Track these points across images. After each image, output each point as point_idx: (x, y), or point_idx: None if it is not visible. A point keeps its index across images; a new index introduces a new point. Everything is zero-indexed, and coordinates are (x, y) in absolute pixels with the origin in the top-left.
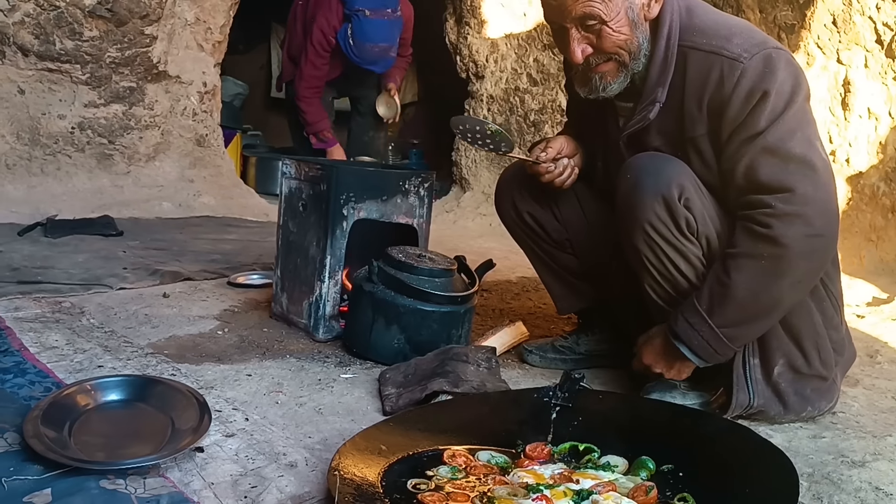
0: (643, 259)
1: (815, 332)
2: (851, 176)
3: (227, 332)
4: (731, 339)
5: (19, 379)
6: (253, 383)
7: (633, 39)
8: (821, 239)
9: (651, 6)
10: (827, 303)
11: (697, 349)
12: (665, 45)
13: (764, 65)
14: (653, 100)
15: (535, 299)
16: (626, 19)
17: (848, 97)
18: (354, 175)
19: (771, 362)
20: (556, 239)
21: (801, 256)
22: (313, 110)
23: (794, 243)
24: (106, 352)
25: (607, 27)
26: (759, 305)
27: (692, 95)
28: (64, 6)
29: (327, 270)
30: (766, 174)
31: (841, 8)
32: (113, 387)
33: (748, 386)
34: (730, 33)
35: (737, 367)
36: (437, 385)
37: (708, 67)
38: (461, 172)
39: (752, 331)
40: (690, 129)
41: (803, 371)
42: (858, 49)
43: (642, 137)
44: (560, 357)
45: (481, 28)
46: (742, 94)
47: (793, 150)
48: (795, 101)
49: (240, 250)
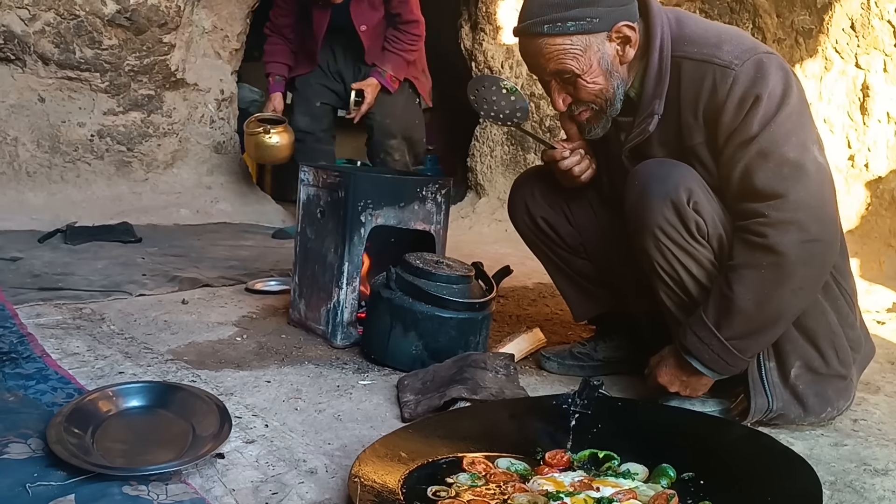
0: (654, 264)
1: (830, 332)
2: (870, 181)
3: (246, 339)
4: (741, 351)
5: (42, 385)
6: (272, 390)
7: (609, 87)
8: (818, 244)
9: (625, 51)
10: (841, 301)
11: (710, 363)
12: (658, 57)
13: (755, 70)
14: (650, 112)
15: (551, 305)
16: (600, 70)
17: (867, 101)
18: (372, 182)
19: (787, 365)
20: (570, 244)
21: (799, 263)
22: (268, 48)
23: (790, 250)
24: (126, 358)
25: (581, 80)
26: (765, 315)
27: (688, 105)
28: (84, 15)
29: (345, 277)
30: (760, 179)
31: (859, 12)
32: (134, 393)
33: (766, 390)
34: (719, 40)
35: (752, 372)
36: (456, 392)
37: (701, 76)
38: (476, 178)
39: (762, 340)
40: (689, 138)
41: (822, 371)
42: (877, 53)
43: (644, 150)
44: (578, 364)
45: (496, 34)
46: (735, 99)
47: (786, 155)
48: (787, 103)
49: (257, 256)
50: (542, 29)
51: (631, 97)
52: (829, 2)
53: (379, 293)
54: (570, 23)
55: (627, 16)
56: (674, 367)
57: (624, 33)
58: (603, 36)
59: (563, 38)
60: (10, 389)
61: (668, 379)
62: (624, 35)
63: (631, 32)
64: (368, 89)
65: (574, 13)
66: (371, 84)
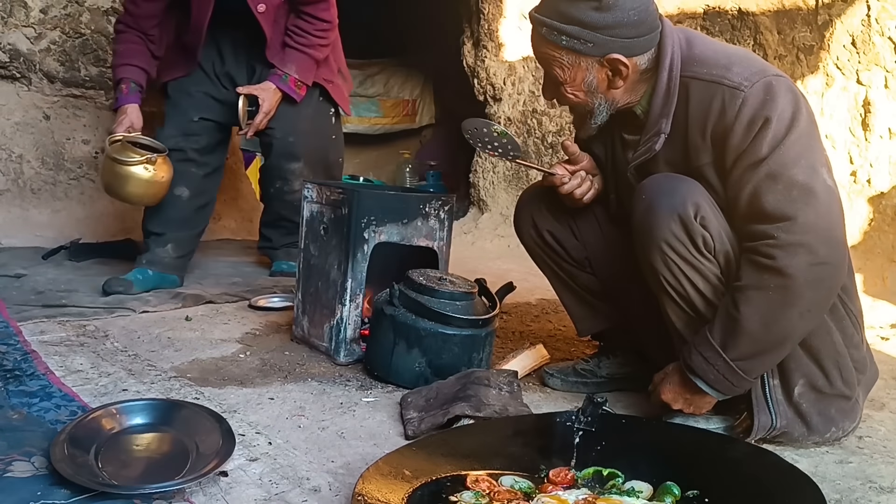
0: (661, 279)
1: (835, 352)
2: (873, 196)
3: (249, 356)
4: (746, 372)
5: (45, 403)
6: (275, 407)
7: (588, 102)
8: (826, 267)
9: (614, 80)
10: (847, 321)
11: (714, 383)
12: (667, 77)
13: (765, 92)
14: (657, 131)
15: (555, 321)
16: (582, 87)
17: (868, 117)
18: (375, 199)
19: (791, 383)
20: (576, 258)
21: (807, 286)
22: (121, 48)
23: (798, 273)
24: (130, 375)
25: (563, 88)
26: (771, 336)
27: (695, 125)
28: (89, 34)
29: (348, 294)
30: (769, 202)
31: (860, 29)
32: (138, 410)
33: (769, 407)
34: (729, 62)
35: (756, 389)
36: (459, 409)
37: (710, 97)
38: (479, 194)
39: (768, 361)
40: (695, 158)
41: (825, 391)
42: (878, 69)
43: (650, 168)
44: (582, 380)
45: (499, 51)
46: (744, 121)
47: (796, 177)
48: (797, 126)
49: (260, 272)
50: (542, 30)
51: (638, 114)
52: (830, 18)
53: (382, 310)
54: (564, 38)
55: (627, 49)
56: (678, 384)
57: (616, 66)
58: (594, 60)
59: (554, 47)
60: (14, 407)
61: (671, 396)
62: (616, 67)
63: (623, 67)
64: (265, 95)
65: (571, 30)
66: (268, 90)
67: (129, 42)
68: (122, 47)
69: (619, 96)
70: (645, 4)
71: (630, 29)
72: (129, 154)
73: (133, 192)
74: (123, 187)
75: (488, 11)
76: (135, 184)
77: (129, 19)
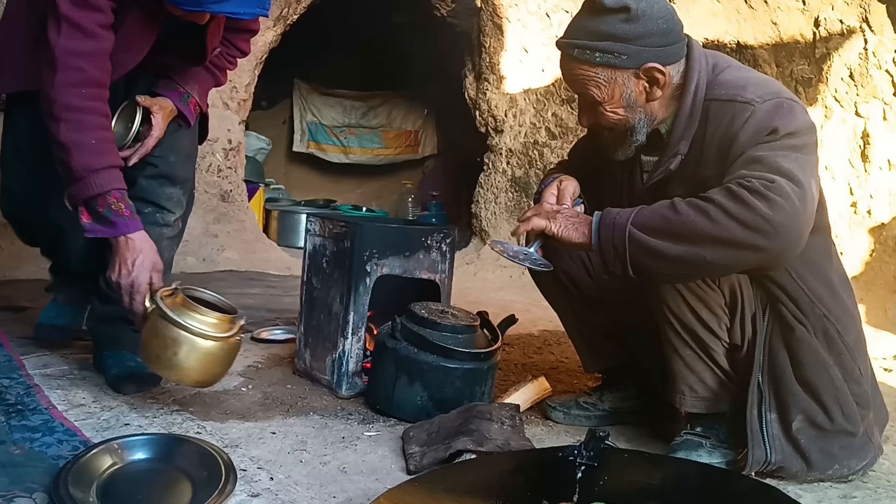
0: (665, 308)
1: (833, 387)
2: (874, 227)
3: (251, 389)
4: (631, 241)
5: (48, 438)
6: (277, 441)
7: (629, 119)
8: (768, 238)
9: (653, 90)
10: (846, 355)
11: (602, 227)
12: (691, 101)
13: (775, 109)
14: (675, 152)
15: (557, 353)
16: (621, 102)
17: (867, 149)
18: (378, 232)
19: (789, 417)
20: (589, 296)
21: (742, 228)
22: (84, 139)
23: (746, 210)
24: (132, 409)
25: (602, 107)
26: (676, 228)
27: (710, 141)
28: None
29: (350, 327)
30: (754, 173)
31: (857, 62)
32: (140, 446)
33: (764, 441)
34: (747, 83)
35: (752, 422)
36: (461, 444)
37: (723, 114)
38: (481, 224)
39: (650, 249)
40: (703, 171)
41: (826, 427)
42: (876, 102)
43: (665, 186)
44: (584, 414)
45: (500, 84)
46: (750, 130)
47: (781, 164)
48: (800, 138)
49: (262, 304)
50: (573, 52)
51: (661, 134)
52: (828, 52)
53: (384, 343)
54: (598, 54)
55: (661, 57)
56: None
57: (653, 74)
58: (630, 73)
59: (589, 66)
60: (16, 442)
61: (549, 210)
62: (652, 76)
63: (660, 75)
64: (161, 115)
65: (604, 45)
66: (166, 108)
67: (97, 124)
68: (93, 136)
69: (657, 110)
70: (671, 13)
71: (661, 37)
72: (198, 316)
73: (210, 369)
74: (194, 362)
75: (489, 45)
76: (210, 358)
77: (87, 81)
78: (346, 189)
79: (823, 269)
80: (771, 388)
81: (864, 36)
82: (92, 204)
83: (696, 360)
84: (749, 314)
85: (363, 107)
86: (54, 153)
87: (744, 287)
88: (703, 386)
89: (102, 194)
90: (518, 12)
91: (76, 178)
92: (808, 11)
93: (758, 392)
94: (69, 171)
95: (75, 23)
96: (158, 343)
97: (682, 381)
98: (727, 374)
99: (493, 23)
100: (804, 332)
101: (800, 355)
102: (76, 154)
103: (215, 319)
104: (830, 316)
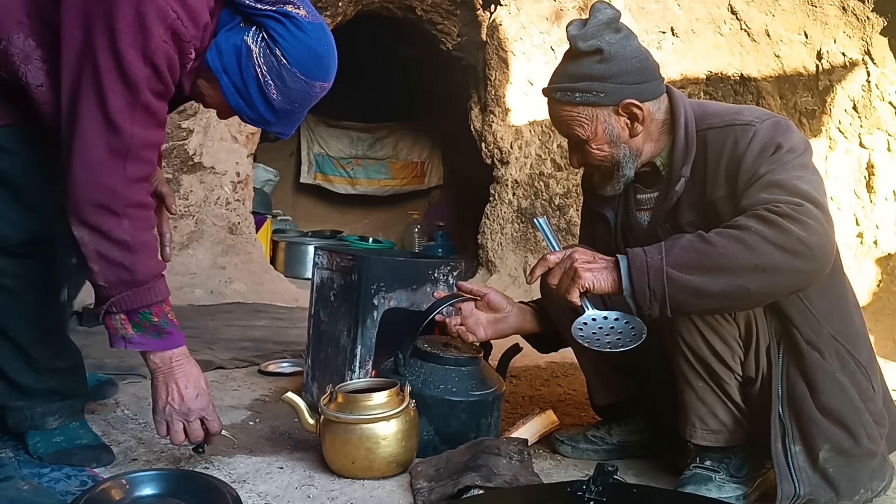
0: (679, 339)
1: (854, 409)
2: (880, 258)
3: (259, 423)
4: (669, 281)
5: (56, 473)
6: (285, 476)
7: (615, 154)
8: (807, 254)
9: (633, 126)
10: (859, 375)
11: (634, 270)
12: (684, 133)
13: (774, 127)
14: (679, 176)
15: (564, 385)
16: (605, 139)
17: (872, 180)
18: (385, 265)
19: (815, 448)
20: None
21: (781, 249)
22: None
23: (783, 235)
24: (140, 444)
25: (588, 146)
26: (714, 262)
27: (713, 164)
28: None
29: (357, 360)
30: (777, 196)
31: (860, 94)
32: (147, 481)
33: (792, 475)
34: (739, 110)
35: (777, 457)
36: (470, 479)
37: (724, 138)
38: (487, 255)
39: (691, 287)
40: (710, 193)
41: (853, 452)
42: (881, 133)
43: (676, 214)
44: (592, 447)
45: (505, 116)
46: (756, 149)
47: (800, 187)
48: (805, 157)
49: (269, 336)
50: (556, 95)
51: (658, 166)
52: (830, 84)
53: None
54: (578, 94)
55: (638, 94)
56: (592, 255)
57: (631, 110)
58: (609, 109)
59: (571, 106)
60: (25, 478)
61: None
62: (631, 112)
63: (638, 111)
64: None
65: (581, 86)
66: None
67: (154, 224)
68: (152, 237)
69: (641, 144)
70: (643, 53)
71: (635, 75)
72: (370, 402)
73: (395, 457)
74: (380, 454)
75: (495, 78)
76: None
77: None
78: (352, 220)
79: (831, 288)
80: (793, 419)
81: (867, 68)
82: (145, 313)
83: (708, 392)
84: (763, 346)
85: (370, 138)
86: (103, 254)
87: (759, 319)
88: (715, 419)
89: (162, 301)
90: (523, 46)
91: (139, 282)
92: (811, 44)
93: (780, 425)
94: (130, 274)
95: (153, 112)
96: (351, 448)
97: (693, 413)
98: (739, 409)
99: (499, 56)
100: (817, 356)
101: (816, 382)
102: (143, 257)
103: (386, 397)
104: (839, 336)
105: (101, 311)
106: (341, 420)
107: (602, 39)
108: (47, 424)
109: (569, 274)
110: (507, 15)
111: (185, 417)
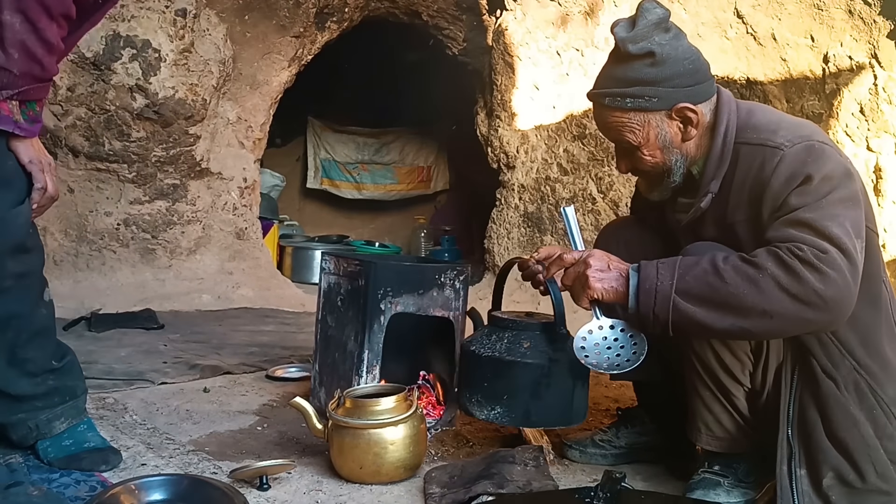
0: (688, 348)
1: (864, 444)
2: (889, 262)
3: (267, 428)
4: (674, 309)
5: (65, 478)
6: (293, 482)
7: (666, 160)
8: (819, 311)
9: (687, 130)
10: (878, 411)
11: (642, 292)
12: (722, 142)
13: (806, 153)
14: (707, 191)
15: None
16: (657, 144)
17: (880, 183)
18: (392, 270)
19: (819, 474)
20: None
21: (791, 301)
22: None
23: (798, 284)
24: (149, 449)
25: (639, 152)
26: (723, 298)
27: (738, 184)
28: (114, 110)
29: (365, 365)
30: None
31: (867, 97)
32: (156, 486)
33: (794, 498)
34: (778, 127)
35: (782, 478)
36: (482, 487)
37: (753, 158)
38: (494, 259)
39: (696, 318)
40: (732, 215)
41: (857, 486)
42: (888, 136)
43: (698, 227)
44: (600, 452)
45: (512, 120)
46: (781, 177)
47: (831, 230)
48: (844, 186)
49: (277, 342)
50: (604, 101)
51: (693, 174)
52: (837, 87)
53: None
54: (629, 99)
55: (691, 97)
56: (605, 265)
57: (685, 114)
58: (662, 114)
59: (622, 112)
60: (35, 483)
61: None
62: (685, 116)
63: (692, 114)
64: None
65: (633, 90)
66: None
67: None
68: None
69: (692, 149)
70: (695, 53)
71: (688, 77)
72: (378, 408)
73: (403, 462)
74: (388, 459)
75: (501, 83)
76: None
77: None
78: (358, 224)
79: (861, 318)
80: (801, 443)
81: (874, 72)
82: (33, 104)
83: (715, 401)
84: (774, 363)
85: (376, 143)
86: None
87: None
88: (720, 427)
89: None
90: (529, 51)
91: (46, 79)
92: (817, 48)
93: (787, 447)
94: (42, 71)
95: None
96: (359, 453)
97: (699, 418)
98: (745, 419)
99: (505, 61)
100: (832, 387)
101: (828, 411)
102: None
103: (394, 402)
104: (863, 369)
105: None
106: (349, 425)
107: (653, 41)
108: (55, 429)
109: (580, 280)
110: (513, 20)
111: (51, 168)
